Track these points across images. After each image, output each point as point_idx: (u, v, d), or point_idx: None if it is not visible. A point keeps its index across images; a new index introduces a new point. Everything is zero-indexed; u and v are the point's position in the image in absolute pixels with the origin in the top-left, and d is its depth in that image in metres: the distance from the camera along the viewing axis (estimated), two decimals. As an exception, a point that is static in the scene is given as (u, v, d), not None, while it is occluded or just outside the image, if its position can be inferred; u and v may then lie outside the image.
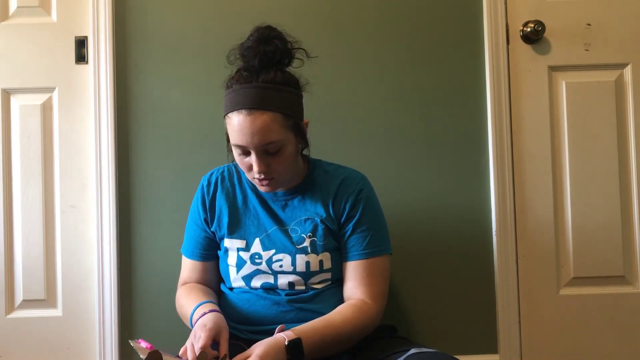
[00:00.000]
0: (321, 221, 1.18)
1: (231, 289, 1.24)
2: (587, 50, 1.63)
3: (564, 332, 1.62)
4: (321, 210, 1.19)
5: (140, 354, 0.99)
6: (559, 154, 1.63)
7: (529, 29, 1.60)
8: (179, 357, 1.02)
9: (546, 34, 1.61)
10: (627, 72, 1.64)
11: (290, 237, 1.18)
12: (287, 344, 1.00)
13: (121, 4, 1.62)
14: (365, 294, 1.15)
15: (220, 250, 1.25)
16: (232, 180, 1.26)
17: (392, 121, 1.62)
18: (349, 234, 1.19)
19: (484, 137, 1.62)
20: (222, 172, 1.27)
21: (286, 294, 1.17)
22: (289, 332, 1.04)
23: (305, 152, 1.25)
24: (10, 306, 1.63)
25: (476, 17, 1.63)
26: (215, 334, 1.02)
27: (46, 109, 1.64)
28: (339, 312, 1.12)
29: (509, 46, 1.63)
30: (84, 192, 1.63)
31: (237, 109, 1.07)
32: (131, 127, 1.62)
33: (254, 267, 1.19)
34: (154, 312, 1.60)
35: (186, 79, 1.62)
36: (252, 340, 1.08)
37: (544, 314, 1.62)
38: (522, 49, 1.63)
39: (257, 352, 0.98)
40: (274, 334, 1.04)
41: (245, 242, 1.20)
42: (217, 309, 1.11)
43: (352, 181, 1.21)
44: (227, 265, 1.23)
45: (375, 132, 1.62)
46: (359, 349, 1.14)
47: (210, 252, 1.27)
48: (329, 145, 1.58)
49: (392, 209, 1.49)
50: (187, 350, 1.01)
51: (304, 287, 1.18)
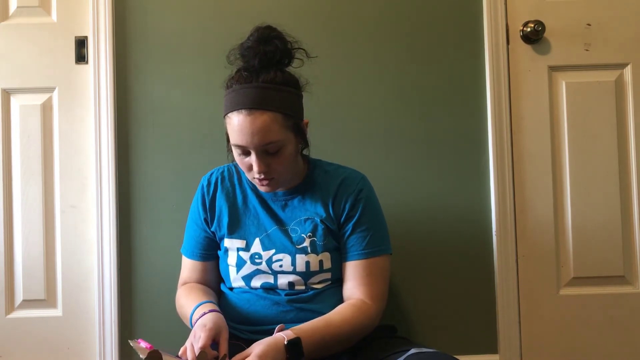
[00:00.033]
0: (321, 221, 1.18)
1: (231, 289, 1.24)
2: (587, 50, 1.63)
3: (564, 332, 1.62)
4: (321, 210, 1.19)
5: (140, 353, 0.99)
6: (559, 154, 1.63)
7: (529, 29, 1.60)
8: (179, 357, 1.02)
9: (546, 34, 1.61)
10: (627, 72, 1.64)
11: (290, 237, 1.18)
12: (286, 343, 1.00)
13: (121, 4, 1.62)
14: (364, 294, 1.15)
15: (220, 250, 1.25)
16: (232, 180, 1.26)
17: (392, 121, 1.62)
18: (348, 233, 1.19)
19: (484, 137, 1.62)
20: (222, 172, 1.28)
21: (286, 294, 1.17)
22: (288, 331, 1.04)
23: (305, 152, 1.25)
24: (10, 306, 1.63)
25: (476, 17, 1.63)
26: (215, 334, 1.02)
27: (46, 109, 1.64)
28: (339, 312, 1.12)
29: (509, 46, 1.63)
30: (84, 192, 1.63)
31: (237, 109, 1.07)
32: (131, 127, 1.62)
33: (254, 267, 1.19)
34: (154, 312, 1.60)
35: (186, 79, 1.62)
36: (252, 340, 1.08)
37: (544, 314, 1.62)
38: (522, 49, 1.63)
39: (256, 351, 0.98)
40: (273, 333, 1.04)
41: (245, 242, 1.20)
42: (216, 309, 1.11)
43: (352, 181, 1.21)
44: (227, 265, 1.23)
45: (375, 132, 1.62)
46: (359, 349, 1.14)
47: (210, 252, 1.27)
48: (329, 145, 1.58)
49: (392, 209, 1.49)
50: (187, 350, 1.01)
51: (303, 287, 1.18)
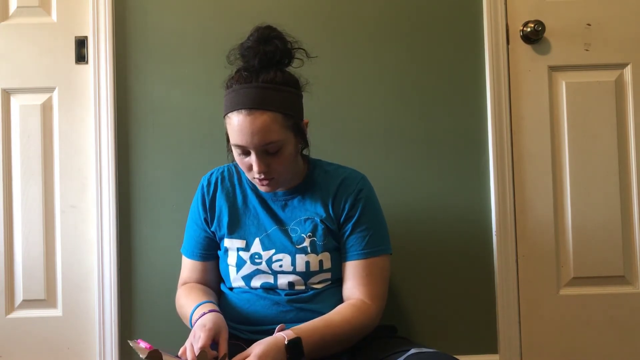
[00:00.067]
0: (321, 221, 1.18)
1: (231, 289, 1.24)
2: (587, 50, 1.63)
3: (564, 332, 1.62)
4: (321, 210, 1.19)
5: (140, 353, 0.99)
6: (559, 154, 1.63)
7: (529, 29, 1.60)
8: (179, 357, 1.02)
9: (546, 34, 1.61)
10: (627, 72, 1.64)
11: (290, 237, 1.18)
12: (286, 343, 1.00)
13: (121, 4, 1.62)
14: (364, 293, 1.15)
15: (220, 250, 1.25)
16: (232, 180, 1.26)
17: (392, 121, 1.62)
18: (348, 233, 1.19)
19: (484, 137, 1.62)
20: (222, 172, 1.28)
21: (286, 294, 1.17)
22: (288, 331, 1.04)
23: (305, 152, 1.25)
24: (10, 306, 1.63)
25: (476, 17, 1.63)
26: (214, 334, 1.02)
27: (46, 109, 1.64)
28: (339, 312, 1.12)
29: (509, 46, 1.63)
30: (84, 192, 1.63)
31: (237, 109, 1.07)
32: (131, 127, 1.62)
33: (254, 267, 1.19)
34: (154, 312, 1.60)
35: (186, 79, 1.62)
36: (252, 340, 1.08)
37: (544, 314, 1.62)
38: (522, 49, 1.63)
39: (256, 351, 0.98)
40: (273, 333, 1.04)
41: (245, 242, 1.20)
42: (216, 309, 1.11)
43: (352, 181, 1.21)
44: (227, 265, 1.23)
45: (375, 132, 1.62)
46: (359, 349, 1.14)
47: (210, 252, 1.27)
48: (329, 145, 1.58)
49: (392, 209, 1.49)
50: (187, 350, 1.01)
51: (303, 287, 1.18)
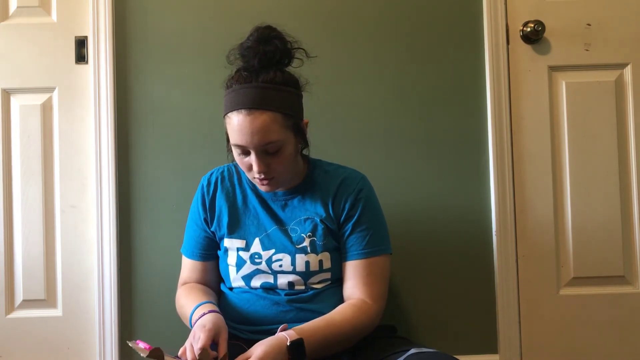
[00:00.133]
0: (321, 221, 1.18)
1: (231, 289, 1.24)
2: (587, 50, 1.63)
3: (564, 332, 1.61)
4: (321, 210, 1.19)
5: (140, 353, 0.99)
6: (559, 154, 1.63)
7: (529, 29, 1.60)
8: (179, 358, 1.02)
9: (546, 34, 1.61)
10: (627, 72, 1.64)
11: (290, 237, 1.18)
12: (289, 344, 1.00)
13: (121, 4, 1.62)
14: (364, 293, 1.15)
15: (220, 250, 1.25)
16: (232, 180, 1.26)
17: (392, 121, 1.62)
18: (348, 233, 1.19)
19: (484, 137, 1.62)
20: (222, 172, 1.28)
21: (286, 294, 1.17)
22: (290, 331, 1.03)
23: (305, 152, 1.25)
24: (10, 306, 1.63)
25: (476, 17, 1.63)
26: (214, 334, 1.02)
27: (46, 109, 1.64)
28: (339, 312, 1.12)
29: (509, 46, 1.63)
30: (84, 192, 1.63)
31: (237, 109, 1.07)
32: (131, 127, 1.62)
33: (254, 267, 1.19)
34: (154, 312, 1.60)
35: (186, 79, 1.62)
36: (252, 340, 1.08)
37: (544, 314, 1.62)
38: (522, 49, 1.63)
39: (257, 352, 0.98)
40: (273, 333, 1.04)
41: (245, 241, 1.20)
42: (216, 309, 1.11)
43: (352, 181, 1.21)
44: (227, 265, 1.23)
45: (375, 132, 1.62)
46: (359, 349, 1.14)
47: (210, 252, 1.27)
48: (329, 145, 1.58)
49: (392, 209, 1.49)
50: (187, 350, 1.01)
51: (303, 287, 1.18)
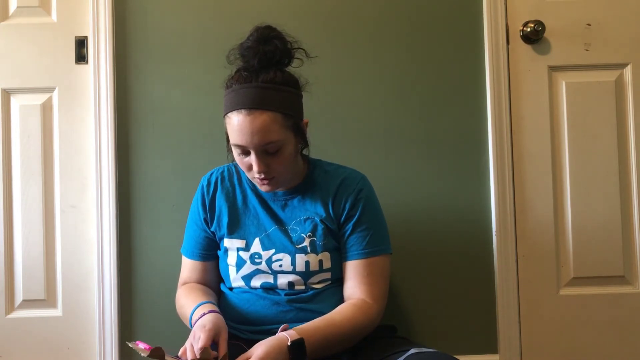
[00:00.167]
0: (321, 221, 1.18)
1: (231, 289, 1.24)
2: (587, 50, 1.63)
3: (564, 332, 1.61)
4: (321, 210, 1.19)
5: (141, 353, 0.99)
6: (559, 154, 1.63)
7: (529, 29, 1.60)
8: (179, 358, 1.02)
9: (546, 34, 1.61)
10: (627, 72, 1.64)
11: (289, 237, 1.18)
12: (290, 344, 1.00)
13: (121, 4, 1.62)
14: (365, 293, 1.15)
15: (220, 250, 1.25)
16: (232, 180, 1.26)
17: (392, 121, 1.62)
18: (348, 233, 1.19)
19: (484, 137, 1.62)
20: (222, 172, 1.28)
21: (286, 294, 1.17)
22: (291, 331, 1.03)
23: (305, 152, 1.25)
24: (10, 306, 1.63)
25: (476, 17, 1.63)
26: (214, 334, 1.02)
27: (46, 109, 1.64)
28: (340, 312, 1.12)
29: (509, 46, 1.63)
30: (84, 192, 1.63)
31: (237, 109, 1.07)
32: (131, 127, 1.62)
33: (254, 267, 1.19)
34: (154, 312, 1.60)
35: (186, 79, 1.62)
36: (252, 340, 1.08)
37: (544, 314, 1.62)
38: (522, 49, 1.63)
39: (257, 352, 0.98)
40: (273, 333, 1.04)
41: (245, 241, 1.20)
42: (216, 309, 1.11)
43: (352, 181, 1.21)
44: (227, 265, 1.23)
45: (375, 132, 1.62)
46: (359, 349, 1.14)
47: (210, 252, 1.27)
48: (329, 145, 1.58)
49: (392, 209, 1.49)
50: (187, 350, 1.01)
51: (303, 287, 1.18)
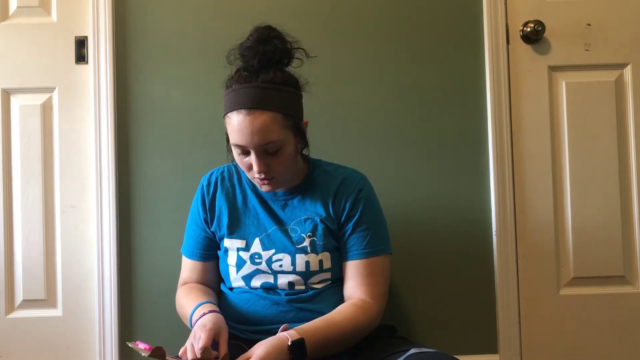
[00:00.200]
0: (321, 221, 1.18)
1: (231, 289, 1.24)
2: (587, 50, 1.63)
3: (564, 332, 1.61)
4: (321, 210, 1.19)
5: (141, 353, 0.99)
6: (559, 154, 1.63)
7: (529, 29, 1.60)
8: (179, 358, 1.02)
9: (546, 34, 1.61)
10: (627, 72, 1.64)
11: (290, 237, 1.18)
12: (290, 344, 1.00)
13: (121, 4, 1.62)
14: (365, 293, 1.15)
15: (220, 250, 1.25)
16: (232, 180, 1.26)
17: (392, 121, 1.62)
18: (348, 233, 1.19)
19: (484, 137, 1.62)
20: (222, 172, 1.28)
21: (286, 294, 1.17)
22: (291, 331, 1.03)
23: (305, 152, 1.25)
24: (10, 306, 1.63)
25: (476, 17, 1.63)
26: (214, 334, 1.02)
27: (46, 109, 1.64)
28: (340, 312, 1.12)
29: (509, 46, 1.63)
30: (84, 192, 1.63)
31: (237, 109, 1.07)
32: (131, 127, 1.62)
33: (254, 267, 1.19)
34: (154, 312, 1.60)
35: (186, 79, 1.62)
36: (252, 340, 1.08)
37: (544, 314, 1.62)
38: (522, 49, 1.63)
39: (258, 352, 0.98)
40: (273, 333, 1.04)
41: (245, 242, 1.20)
42: (216, 309, 1.11)
43: (352, 181, 1.21)
44: (227, 265, 1.23)
45: (375, 132, 1.62)
46: (359, 349, 1.14)
47: (210, 252, 1.27)
48: (329, 145, 1.58)
49: (392, 209, 1.49)
50: (187, 350, 1.01)
51: (303, 287, 1.18)
